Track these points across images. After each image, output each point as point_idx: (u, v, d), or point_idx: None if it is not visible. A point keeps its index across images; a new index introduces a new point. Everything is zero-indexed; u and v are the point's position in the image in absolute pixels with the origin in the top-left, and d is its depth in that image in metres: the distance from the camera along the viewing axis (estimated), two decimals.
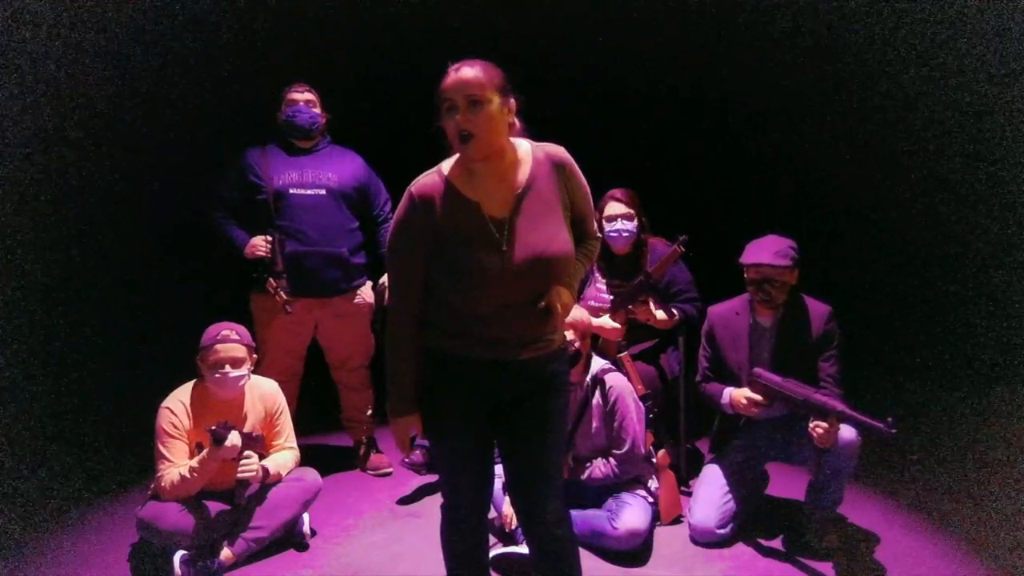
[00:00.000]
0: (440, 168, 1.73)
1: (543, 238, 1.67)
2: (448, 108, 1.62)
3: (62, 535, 2.84)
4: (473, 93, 1.59)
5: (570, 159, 1.77)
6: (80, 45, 3.84)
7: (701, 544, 2.67)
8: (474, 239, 1.66)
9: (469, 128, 1.60)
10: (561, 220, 1.72)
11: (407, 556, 2.63)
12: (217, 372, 2.56)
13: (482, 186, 1.68)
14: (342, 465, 3.46)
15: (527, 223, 1.68)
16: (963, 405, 4.21)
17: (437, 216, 1.67)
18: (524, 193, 1.69)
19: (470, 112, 1.59)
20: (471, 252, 1.65)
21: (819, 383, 2.62)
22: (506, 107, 1.64)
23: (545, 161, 1.73)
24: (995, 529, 2.76)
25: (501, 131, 1.65)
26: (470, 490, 1.85)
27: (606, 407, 2.68)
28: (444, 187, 1.69)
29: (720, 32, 4.50)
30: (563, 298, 1.72)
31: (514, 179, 1.70)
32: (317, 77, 3.31)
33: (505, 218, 1.67)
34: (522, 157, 1.72)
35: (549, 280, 1.70)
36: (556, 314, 1.71)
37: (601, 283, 3.17)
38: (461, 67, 1.62)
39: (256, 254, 3.11)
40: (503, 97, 1.63)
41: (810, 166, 4.95)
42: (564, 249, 1.70)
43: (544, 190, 1.71)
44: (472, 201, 1.68)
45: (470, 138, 1.60)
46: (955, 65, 4.26)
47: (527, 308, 1.69)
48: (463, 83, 1.60)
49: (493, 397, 1.78)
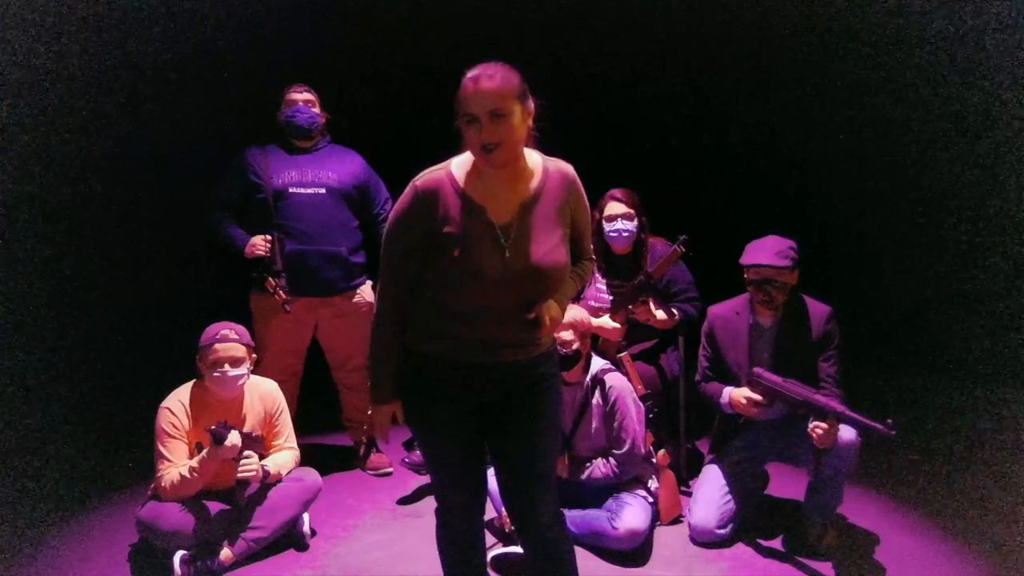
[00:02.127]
0: (448, 166, 1.71)
1: (543, 248, 1.67)
2: (468, 120, 1.58)
3: (62, 535, 2.84)
4: (496, 107, 1.55)
5: (577, 179, 1.76)
6: (80, 45, 3.85)
7: (701, 544, 2.67)
8: (476, 241, 1.65)
9: (492, 140, 1.57)
10: (561, 235, 1.72)
11: (407, 556, 2.63)
12: (216, 371, 2.55)
13: (489, 190, 1.68)
14: (342, 465, 3.46)
15: (530, 234, 1.67)
16: (963, 405, 4.21)
17: (439, 213, 1.66)
18: (531, 203, 1.69)
19: (493, 124, 1.56)
20: (472, 253, 1.65)
21: (819, 383, 2.62)
22: (526, 113, 1.62)
23: (555, 175, 1.73)
24: (995, 529, 2.76)
25: (522, 138, 1.64)
26: (459, 492, 1.85)
27: (606, 407, 2.68)
28: (451, 186, 1.68)
29: (721, 32, 4.50)
30: (552, 312, 1.70)
31: (523, 188, 1.69)
32: (317, 77, 3.31)
33: (509, 224, 1.67)
34: (532, 168, 1.71)
35: (543, 290, 1.70)
36: (544, 327, 1.69)
37: (601, 283, 3.17)
38: (480, 78, 1.56)
39: (256, 253, 3.11)
40: (523, 104, 1.61)
41: (811, 166, 4.96)
42: (561, 262, 1.71)
43: (550, 203, 1.71)
44: (478, 204, 1.67)
45: (494, 148, 1.58)
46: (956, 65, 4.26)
47: (515, 314, 1.68)
48: (485, 97, 1.55)
49: (476, 399, 1.76)
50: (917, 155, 4.70)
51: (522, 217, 1.68)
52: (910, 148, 4.71)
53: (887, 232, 4.91)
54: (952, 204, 4.67)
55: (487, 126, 1.56)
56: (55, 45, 3.76)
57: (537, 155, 1.74)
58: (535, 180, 1.71)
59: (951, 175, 4.62)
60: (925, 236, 4.78)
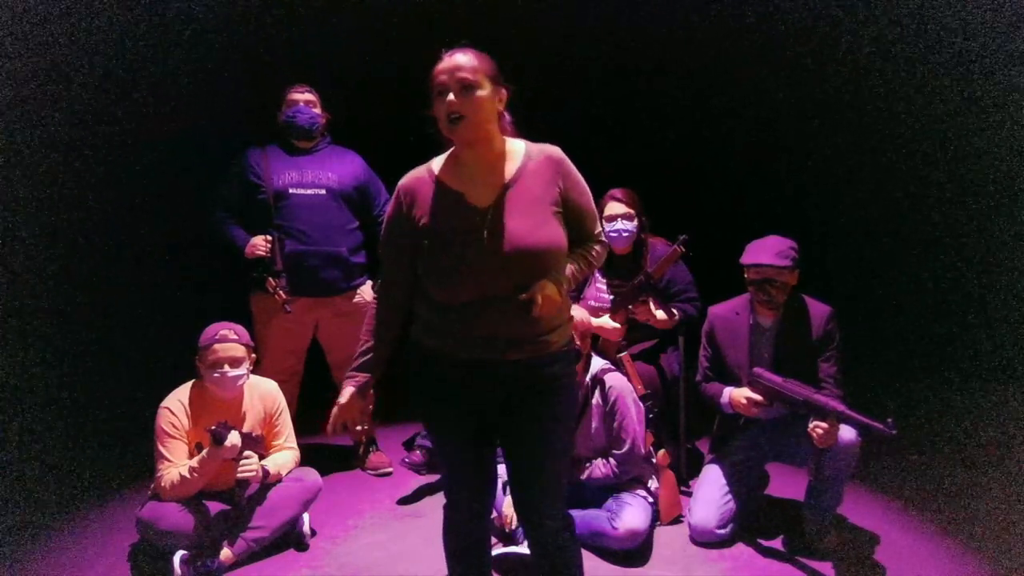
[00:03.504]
0: (429, 164, 1.77)
1: (525, 229, 1.64)
2: (439, 92, 1.64)
3: (62, 535, 2.84)
4: (465, 77, 1.61)
5: (566, 158, 1.76)
6: (80, 45, 3.84)
7: (701, 544, 2.67)
8: (455, 228, 1.66)
9: (459, 110, 1.61)
10: (549, 215, 1.69)
11: (407, 556, 2.63)
12: (216, 372, 2.56)
13: (468, 177, 1.70)
14: (342, 465, 3.46)
15: (510, 214, 1.66)
16: (963, 405, 4.21)
17: (420, 208, 1.70)
18: (510, 185, 1.69)
19: (461, 95, 1.61)
20: (452, 241, 1.65)
21: (819, 383, 2.62)
22: (497, 96, 1.67)
23: (538, 158, 1.73)
24: (995, 529, 2.76)
25: (491, 117, 1.67)
26: (466, 490, 1.85)
27: (606, 407, 2.68)
28: (430, 180, 1.72)
29: (721, 32, 4.50)
30: (545, 291, 1.61)
31: (501, 171, 1.71)
32: (317, 77, 3.31)
33: (488, 208, 1.67)
34: (513, 152, 1.73)
35: (533, 273, 1.64)
36: (536, 306, 1.61)
37: (601, 283, 3.17)
38: (454, 52, 1.65)
39: (256, 253, 3.11)
40: (494, 85, 1.66)
41: (811, 166, 4.96)
42: (548, 241, 1.66)
43: (533, 185, 1.70)
44: (455, 191, 1.69)
45: (460, 120, 1.62)
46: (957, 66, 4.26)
47: (508, 302, 1.63)
48: (456, 67, 1.62)
49: (480, 399, 1.75)
50: (917, 155, 4.70)
51: (502, 199, 1.68)
52: (911, 148, 4.71)
53: (887, 232, 4.91)
54: (953, 204, 4.67)
55: (456, 96, 1.61)
56: (55, 44, 3.76)
57: (521, 142, 1.75)
58: (516, 161, 1.72)
59: (952, 175, 4.62)
60: (925, 236, 4.79)
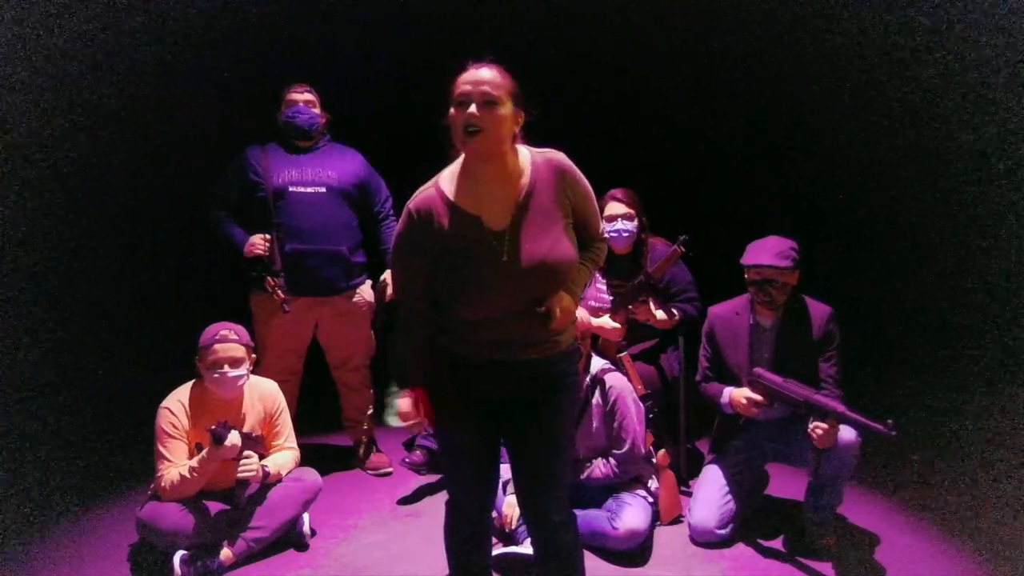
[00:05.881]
0: (436, 182, 1.72)
1: (544, 247, 1.67)
2: (460, 102, 1.61)
3: (62, 535, 2.84)
4: (488, 92, 1.60)
5: (570, 164, 1.75)
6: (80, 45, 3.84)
7: (701, 544, 2.67)
8: (474, 252, 1.66)
9: (478, 123, 1.59)
10: (562, 227, 1.70)
11: (407, 556, 2.63)
12: (216, 372, 2.56)
13: (481, 197, 1.68)
14: (342, 465, 3.46)
15: (528, 233, 1.67)
16: (963, 405, 4.20)
17: (436, 230, 1.67)
18: (525, 202, 1.68)
19: (483, 109, 1.59)
20: (471, 264, 1.66)
21: (819, 384, 2.62)
22: (516, 117, 1.66)
23: (544, 167, 1.72)
24: (995, 529, 2.76)
25: (507, 135, 1.65)
26: (470, 487, 1.86)
27: (606, 407, 2.67)
28: (442, 201, 1.69)
29: (722, 31, 4.49)
30: (563, 303, 1.72)
31: (514, 187, 1.69)
32: (317, 77, 3.31)
33: (505, 229, 1.67)
34: (522, 165, 1.71)
35: (550, 287, 1.70)
36: (555, 318, 1.69)
37: (601, 283, 3.17)
38: (481, 64, 1.63)
39: (254, 252, 3.10)
40: (515, 106, 1.65)
41: (811, 167, 4.95)
42: (565, 256, 1.70)
43: (544, 198, 1.70)
44: (471, 215, 1.67)
45: (476, 133, 1.59)
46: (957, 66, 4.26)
47: (528, 313, 1.68)
48: (480, 80, 1.61)
49: (497, 396, 1.78)
50: (918, 155, 4.70)
51: (517, 219, 1.67)
52: (911, 148, 4.70)
53: (887, 232, 4.90)
54: (953, 204, 4.66)
55: (476, 109, 1.59)
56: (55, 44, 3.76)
57: (525, 150, 1.74)
58: (525, 177, 1.70)
59: (952, 175, 4.62)
60: (926, 236, 4.78)
